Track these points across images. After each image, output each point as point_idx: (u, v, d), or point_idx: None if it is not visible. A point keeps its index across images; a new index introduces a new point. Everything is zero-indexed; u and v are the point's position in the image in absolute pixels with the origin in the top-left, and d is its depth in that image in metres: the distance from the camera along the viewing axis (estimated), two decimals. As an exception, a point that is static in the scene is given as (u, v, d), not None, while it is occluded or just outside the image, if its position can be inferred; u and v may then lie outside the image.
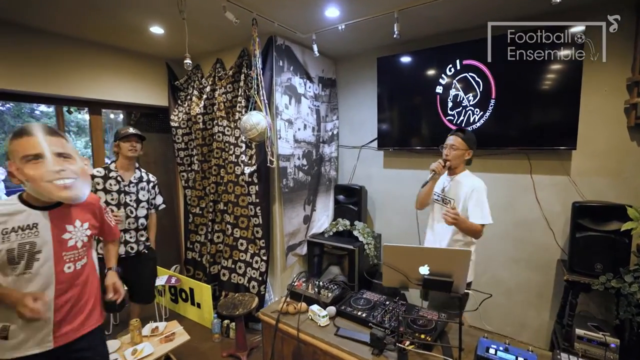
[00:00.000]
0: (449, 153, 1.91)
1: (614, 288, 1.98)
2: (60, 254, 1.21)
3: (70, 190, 1.15)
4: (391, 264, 1.29)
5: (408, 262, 1.27)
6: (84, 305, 1.30)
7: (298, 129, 2.97)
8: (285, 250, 2.94)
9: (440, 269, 1.22)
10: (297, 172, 2.99)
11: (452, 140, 1.92)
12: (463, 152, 1.91)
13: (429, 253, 1.24)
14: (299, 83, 2.95)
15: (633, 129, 2.19)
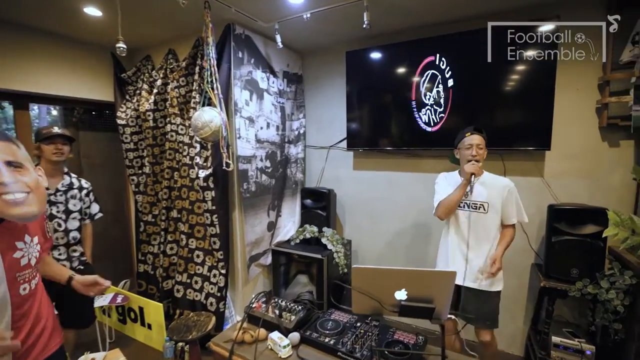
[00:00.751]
0: (477, 153, 1.79)
1: (591, 294, 1.91)
2: (14, 275, 1.01)
3: (22, 207, 0.94)
4: (362, 288, 1.08)
5: (382, 286, 1.07)
6: (44, 326, 1.15)
7: (260, 127, 2.70)
8: (247, 262, 2.66)
9: (419, 293, 1.03)
10: (260, 175, 2.72)
11: (477, 139, 1.81)
12: (485, 151, 1.84)
13: (406, 275, 1.04)
14: (261, 77, 2.69)
15: (604, 129, 2.14)
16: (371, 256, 3.03)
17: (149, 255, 3.04)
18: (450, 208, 1.86)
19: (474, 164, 1.77)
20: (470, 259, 1.86)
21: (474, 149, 1.80)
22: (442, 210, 1.87)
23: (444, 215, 1.89)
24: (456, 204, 1.85)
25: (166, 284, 2.77)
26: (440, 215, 1.90)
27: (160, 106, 2.80)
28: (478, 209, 1.85)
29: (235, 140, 2.46)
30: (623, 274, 1.84)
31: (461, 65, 2.36)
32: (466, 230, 1.87)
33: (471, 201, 1.86)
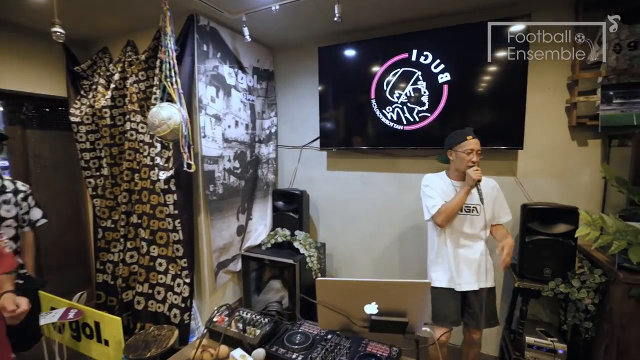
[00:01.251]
0: (477, 159, 1.78)
1: (563, 293, 1.90)
2: None
3: None
4: (328, 302, 0.97)
5: (350, 299, 0.96)
6: None
7: (228, 126, 2.55)
8: (214, 269, 2.50)
9: (391, 306, 0.94)
10: (228, 177, 2.57)
11: (477, 144, 1.78)
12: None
13: (376, 287, 0.94)
14: (229, 73, 2.54)
15: (574, 128, 2.15)
16: (346, 259, 2.94)
17: (108, 264, 2.80)
18: (453, 215, 1.80)
19: (477, 170, 1.73)
20: (473, 262, 1.85)
21: (475, 155, 1.77)
22: (443, 217, 1.79)
23: (445, 222, 1.81)
24: (458, 211, 1.80)
25: (126, 295, 2.56)
26: (441, 223, 1.81)
27: (118, 102, 2.59)
28: (472, 212, 1.84)
29: (200, 140, 2.30)
30: (593, 273, 1.84)
31: (437, 64, 2.31)
32: (464, 234, 1.85)
33: (465, 204, 1.83)
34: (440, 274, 1.91)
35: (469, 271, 1.85)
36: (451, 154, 1.86)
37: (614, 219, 1.56)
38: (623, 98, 1.93)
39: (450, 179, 1.89)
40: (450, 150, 1.86)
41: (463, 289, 1.85)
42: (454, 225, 1.85)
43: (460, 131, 1.84)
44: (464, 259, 1.85)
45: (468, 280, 1.84)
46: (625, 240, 1.50)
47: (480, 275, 1.84)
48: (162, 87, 1.90)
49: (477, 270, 1.84)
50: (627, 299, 1.66)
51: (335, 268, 3.00)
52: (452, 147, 1.85)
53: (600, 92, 1.98)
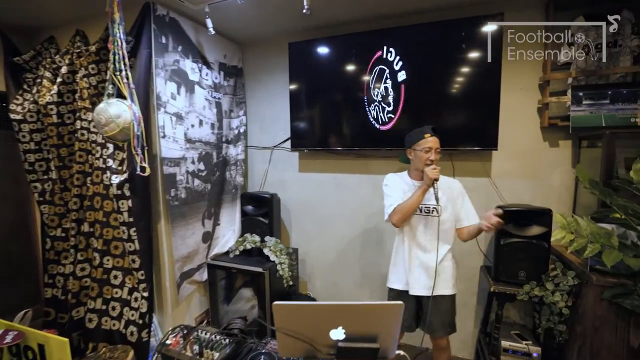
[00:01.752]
0: (436, 157, 1.73)
1: (537, 296, 1.87)
2: None
3: None
4: (288, 328, 0.84)
5: (314, 325, 0.84)
6: None
7: (191, 125, 2.37)
8: (177, 280, 2.31)
9: (360, 330, 0.83)
10: (192, 180, 2.38)
11: (436, 142, 1.73)
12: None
13: (342, 310, 0.83)
14: (192, 68, 2.35)
15: (545, 129, 2.14)
16: (320, 264, 2.83)
17: (58, 277, 2.54)
18: (408, 214, 1.74)
19: (435, 169, 1.68)
20: (429, 266, 1.77)
21: (433, 153, 1.72)
22: (398, 216, 1.73)
23: (400, 222, 1.75)
24: (414, 210, 1.74)
25: (76, 313, 2.31)
26: (396, 222, 1.76)
27: (67, 98, 2.33)
28: (431, 213, 1.77)
29: (159, 140, 2.10)
30: (566, 275, 1.82)
31: (411, 62, 2.25)
32: (422, 236, 1.79)
33: (424, 205, 1.77)
34: (396, 275, 1.89)
35: (425, 275, 1.78)
36: (410, 153, 1.82)
37: (587, 222, 1.54)
38: (592, 99, 1.94)
39: (411, 179, 1.85)
40: (409, 149, 1.81)
41: (416, 293, 1.79)
42: (412, 226, 1.80)
43: (418, 129, 1.79)
44: (420, 262, 1.79)
45: (423, 284, 1.78)
46: (598, 244, 1.48)
47: (438, 281, 1.76)
48: (108, 80, 1.69)
49: (434, 275, 1.75)
50: (599, 302, 1.64)
51: (309, 274, 2.88)
52: (410, 146, 1.80)
53: (570, 93, 1.98)
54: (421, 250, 1.80)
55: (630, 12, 1.91)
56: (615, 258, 1.39)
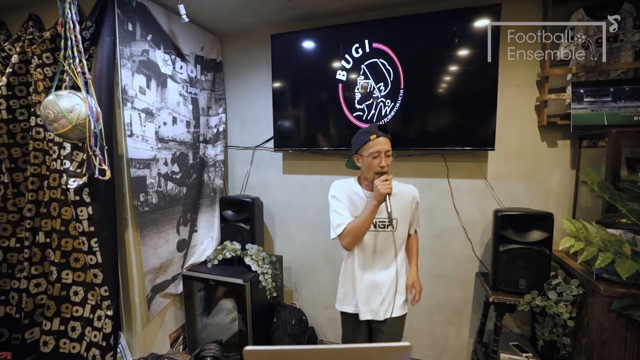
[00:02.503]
0: (387, 163, 1.42)
1: (539, 306, 1.75)
2: None
3: None
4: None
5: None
6: None
7: (164, 123, 2.14)
8: (148, 294, 2.08)
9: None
10: (165, 183, 2.16)
11: (385, 144, 1.42)
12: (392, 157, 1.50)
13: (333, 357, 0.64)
14: (164, 60, 2.13)
15: (544, 128, 2.03)
16: (306, 272, 2.64)
17: (12, 293, 2.25)
18: (361, 236, 1.45)
19: (387, 180, 1.36)
20: (380, 285, 1.54)
21: (383, 158, 1.40)
22: (349, 239, 1.44)
23: (352, 245, 1.47)
24: (366, 230, 1.44)
25: (30, 335, 2.04)
26: (347, 246, 1.47)
27: (19, 92, 2.07)
28: (387, 228, 1.49)
29: (125, 139, 1.88)
30: (569, 284, 1.71)
31: (403, 56, 2.10)
32: (371, 253, 1.53)
33: (378, 219, 1.48)
34: (345, 297, 1.62)
35: (377, 298, 1.54)
36: (357, 159, 1.51)
37: (597, 228, 1.42)
38: (593, 96, 1.83)
39: (362, 188, 1.53)
40: (355, 154, 1.51)
41: (368, 318, 1.55)
42: (364, 243, 1.52)
43: (363, 130, 1.48)
44: (372, 283, 1.54)
45: (374, 308, 1.54)
46: (610, 253, 1.36)
47: (391, 302, 1.54)
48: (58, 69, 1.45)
49: (387, 296, 1.54)
50: (607, 313, 1.53)
51: (294, 282, 2.69)
52: (356, 151, 1.49)
53: (570, 89, 1.87)
54: (373, 269, 1.54)
55: (632, 5, 1.82)
56: (630, 268, 1.28)
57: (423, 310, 2.36)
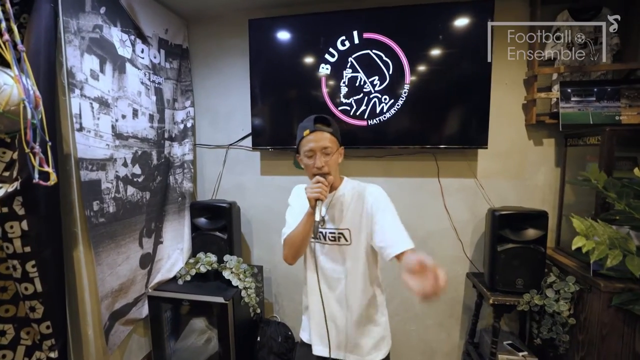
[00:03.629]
0: (323, 160, 1.15)
1: (537, 305, 1.74)
2: None
3: None
4: None
5: None
6: None
7: (122, 115, 1.79)
8: (105, 323, 1.71)
9: None
10: (124, 188, 1.81)
11: (321, 139, 1.16)
12: (338, 153, 1.21)
13: None
14: (121, 40, 1.78)
15: (531, 127, 2.05)
16: (288, 282, 2.42)
17: None
18: (297, 248, 1.21)
19: (318, 184, 1.11)
20: (337, 315, 1.25)
21: (318, 157, 1.15)
22: (287, 251, 1.23)
23: (290, 257, 1.24)
24: (304, 242, 1.20)
25: (-61, 388, 1.57)
26: (286, 258, 1.25)
27: None
28: (338, 241, 1.23)
29: (73, 134, 1.51)
30: (565, 281, 1.71)
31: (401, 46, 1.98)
32: (330, 273, 1.25)
33: (328, 230, 1.24)
34: (305, 323, 1.37)
35: (332, 331, 1.24)
36: (299, 159, 1.26)
37: (603, 226, 1.42)
38: (579, 96, 1.87)
39: None
40: (297, 154, 1.26)
41: (320, 354, 1.27)
42: (318, 259, 1.26)
43: (302, 123, 1.23)
44: (330, 311, 1.24)
45: (333, 342, 1.24)
46: (619, 250, 1.35)
47: (357, 338, 1.24)
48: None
49: (348, 332, 1.24)
50: (606, 309, 1.55)
51: (275, 294, 2.45)
52: (297, 150, 1.25)
53: (558, 89, 1.90)
54: (332, 294, 1.26)
55: (610, 10, 1.89)
56: (641, 265, 1.27)
57: (414, 315, 2.27)
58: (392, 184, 2.17)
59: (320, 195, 1.10)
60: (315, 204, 1.11)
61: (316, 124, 1.18)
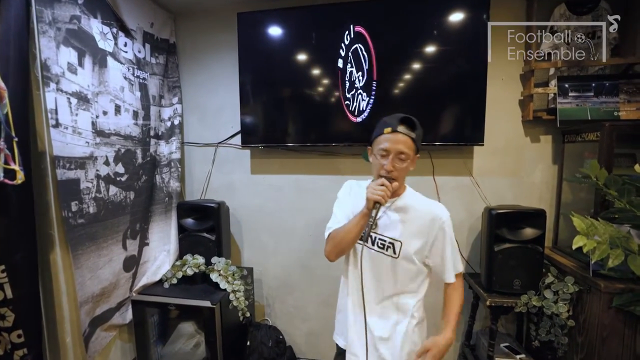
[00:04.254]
0: (394, 167, 1.10)
1: (535, 307, 1.68)
2: None
3: None
4: None
5: None
6: None
7: (103, 112, 1.71)
8: (85, 330, 1.63)
9: None
10: (106, 187, 1.73)
11: (401, 142, 1.09)
12: (411, 161, 1.14)
13: None
14: (102, 32, 1.70)
15: (527, 123, 2.00)
16: (280, 284, 2.35)
17: None
18: (343, 246, 1.18)
19: (382, 185, 1.08)
20: (372, 328, 1.19)
21: (391, 159, 1.10)
22: (331, 247, 1.20)
23: (332, 254, 1.20)
24: (353, 241, 1.16)
25: None
26: (327, 255, 1.22)
27: None
28: (385, 250, 1.18)
29: (49, 131, 1.43)
30: (564, 281, 1.66)
31: (387, 43, 1.92)
32: (368, 278, 1.19)
33: (378, 235, 1.19)
34: (340, 326, 1.33)
35: (372, 340, 1.19)
36: (371, 153, 1.22)
37: (604, 224, 1.36)
38: (577, 91, 1.82)
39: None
40: (369, 147, 1.23)
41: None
42: (359, 264, 1.18)
43: (386, 118, 1.17)
44: (371, 324, 1.19)
45: (369, 352, 1.19)
46: (620, 249, 1.30)
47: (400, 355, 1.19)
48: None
49: (393, 347, 1.19)
50: (606, 310, 1.50)
51: (266, 296, 2.38)
52: (371, 142, 1.21)
53: (556, 84, 1.85)
54: (374, 307, 1.20)
55: (607, 3, 1.84)
56: (645, 265, 1.22)
57: (409, 317, 2.21)
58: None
59: (381, 199, 1.07)
60: (374, 206, 1.08)
61: (400, 125, 1.11)
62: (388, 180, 1.09)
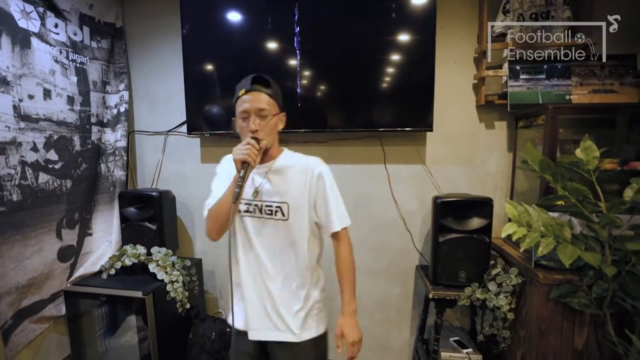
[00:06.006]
0: (259, 123, 1.05)
1: (479, 299, 1.62)
2: None
3: None
4: None
5: None
6: None
7: (29, 95, 1.64)
8: (7, 321, 1.57)
9: None
10: (34, 174, 1.67)
11: (257, 100, 1.05)
12: (277, 118, 1.11)
13: None
14: (23, 11, 1.62)
15: (482, 108, 1.91)
16: (234, 276, 2.29)
17: None
18: (221, 220, 1.07)
19: (247, 145, 1.00)
20: (275, 295, 1.13)
21: (252, 119, 1.05)
22: (210, 225, 1.11)
23: (214, 232, 1.11)
24: (228, 214, 1.03)
25: None
26: (208, 234, 1.13)
27: None
28: (274, 215, 1.11)
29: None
30: (508, 273, 1.59)
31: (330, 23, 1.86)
32: (260, 249, 1.13)
33: (262, 202, 1.12)
34: (236, 308, 1.19)
35: (271, 311, 1.14)
36: (235, 123, 1.14)
37: (539, 211, 1.29)
38: (529, 74, 1.74)
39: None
40: (234, 117, 1.13)
41: (257, 338, 1.15)
42: (250, 234, 1.13)
43: (238, 84, 1.12)
44: (265, 292, 1.14)
45: (267, 324, 1.14)
46: (551, 237, 1.23)
47: (294, 319, 1.14)
48: None
49: (288, 311, 1.14)
50: (545, 302, 1.42)
51: (219, 288, 2.33)
52: (234, 113, 1.13)
53: (507, 66, 1.76)
54: (266, 274, 1.13)
55: (564, -22, 1.75)
56: (572, 254, 1.15)
57: (362, 310, 2.14)
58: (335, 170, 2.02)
59: (247, 158, 0.98)
60: (242, 166, 1.00)
61: (254, 84, 1.07)
62: (256, 141, 1.02)
